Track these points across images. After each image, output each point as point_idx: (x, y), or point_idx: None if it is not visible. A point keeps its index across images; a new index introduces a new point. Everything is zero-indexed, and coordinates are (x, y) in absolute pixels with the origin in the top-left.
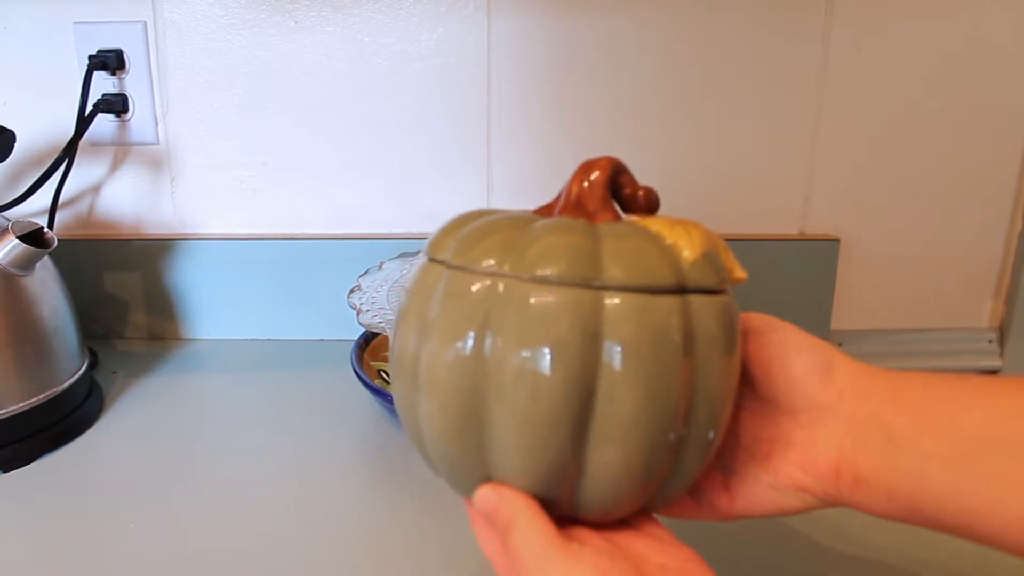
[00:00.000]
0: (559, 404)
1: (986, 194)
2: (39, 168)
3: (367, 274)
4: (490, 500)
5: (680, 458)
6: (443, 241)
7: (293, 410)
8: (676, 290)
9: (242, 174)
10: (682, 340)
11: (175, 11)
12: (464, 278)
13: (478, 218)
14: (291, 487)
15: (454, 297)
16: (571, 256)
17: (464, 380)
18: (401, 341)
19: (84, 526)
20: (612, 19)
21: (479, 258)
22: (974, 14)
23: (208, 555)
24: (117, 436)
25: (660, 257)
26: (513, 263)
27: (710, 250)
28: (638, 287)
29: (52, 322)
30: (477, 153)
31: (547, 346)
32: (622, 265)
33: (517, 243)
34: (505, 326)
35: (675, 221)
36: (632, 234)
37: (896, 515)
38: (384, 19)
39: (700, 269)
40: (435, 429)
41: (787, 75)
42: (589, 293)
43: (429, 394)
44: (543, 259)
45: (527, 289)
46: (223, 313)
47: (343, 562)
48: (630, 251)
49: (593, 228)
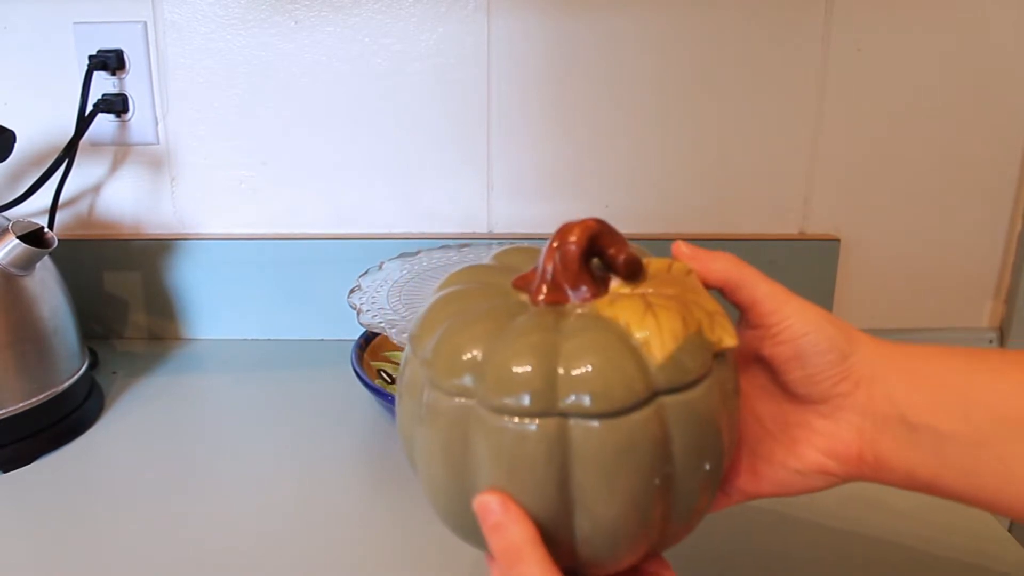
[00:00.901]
0: (536, 519)
1: (986, 194)
2: (39, 168)
3: (367, 274)
4: (493, 512)
5: (672, 514)
6: (424, 335)
7: (293, 410)
8: (645, 400)
9: (242, 174)
10: (653, 444)
11: (175, 11)
12: (440, 396)
13: (455, 306)
14: (291, 487)
15: (434, 413)
16: (533, 381)
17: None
18: (402, 414)
19: (84, 526)
20: (612, 19)
21: (451, 375)
22: (974, 14)
23: (208, 555)
24: (117, 436)
25: (624, 368)
26: (480, 384)
27: (684, 340)
28: (600, 412)
29: (52, 322)
30: (477, 153)
31: (516, 464)
32: (585, 383)
33: (486, 358)
34: (480, 443)
35: (648, 305)
36: (597, 334)
37: (918, 489)
38: (384, 19)
39: (672, 368)
40: (437, 508)
41: (787, 75)
42: (553, 421)
43: (425, 480)
44: (506, 383)
45: (493, 416)
46: (223, 313)
47: (343, 562)
48: (593, 362)
49: (558, 326)
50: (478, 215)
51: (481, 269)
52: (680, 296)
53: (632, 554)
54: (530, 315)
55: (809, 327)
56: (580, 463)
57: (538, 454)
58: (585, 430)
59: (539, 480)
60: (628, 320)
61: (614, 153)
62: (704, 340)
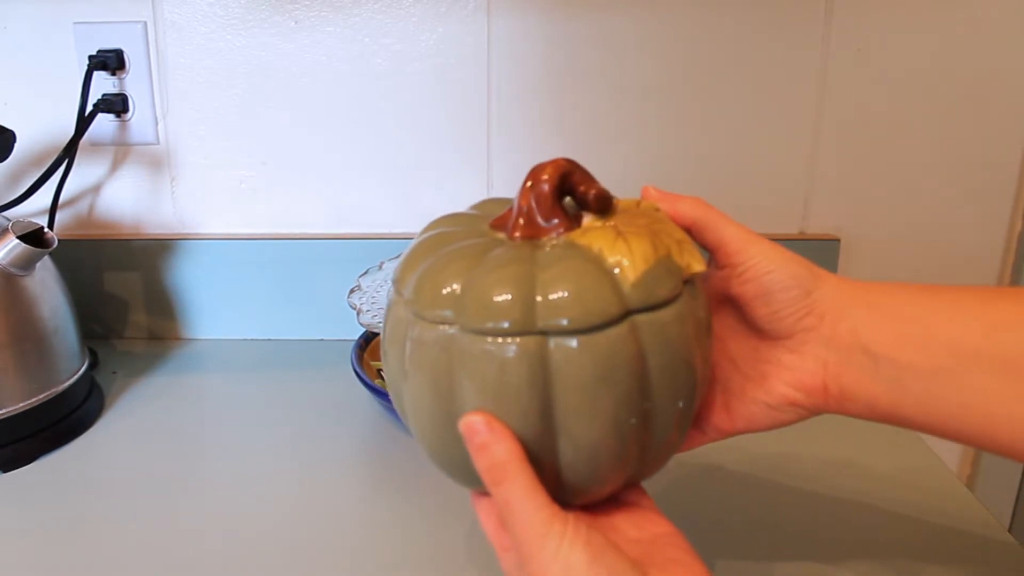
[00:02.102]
0: (520, 437)
1: (986, 194)
2: (39, 168)
3: (367, 274)
4: (479, 431)
5: (647, 445)
6: (406, 274)
7: (293, 410)
8: (619, 317)
9: (242, 174)
10: (629, 363)
11: (175, 11)
12: (424, 327)
13: (435, 248)
14: (291, 487)
15: (420, 345)
16: (512, 303)
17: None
18: (388, 367)
19: (84, 526)
20: (612, 19)
21: (433, 307)
22: (974, 14)
23: (208, 555)
24: (117, 436)
25: (599, 288)
26: (461, 313)
27: (655, 262)
28: (578, 329)
29: (52, 322)
30: (477, 153)
31: (500, 390)
32: (561, 306)
33: (465, 288)
34: (464, 371)
35: (619, 231)
36: (572, 261)
37: (879, 419)
38: (384, 19)
39: (644, 288)
40: (429, 444)
41: (787, 75)
42: (532, 339)
43: (412, 403)
44: (487, 309)
45: (475, 341)
46: (223, 313)
47: (343, 562)
48: (569, 287)
49: (534, 257)
50: None
51: (459, 215)
52: (649, 226)
53: (613, 479)
54: (507, 248)
55: (773, 265)
56: (560, 382)
57: (520, 374)
58: (564, 348)
59: (522, 401)
60: (601, 246)
61: (614, 153)
62: (673, 264)
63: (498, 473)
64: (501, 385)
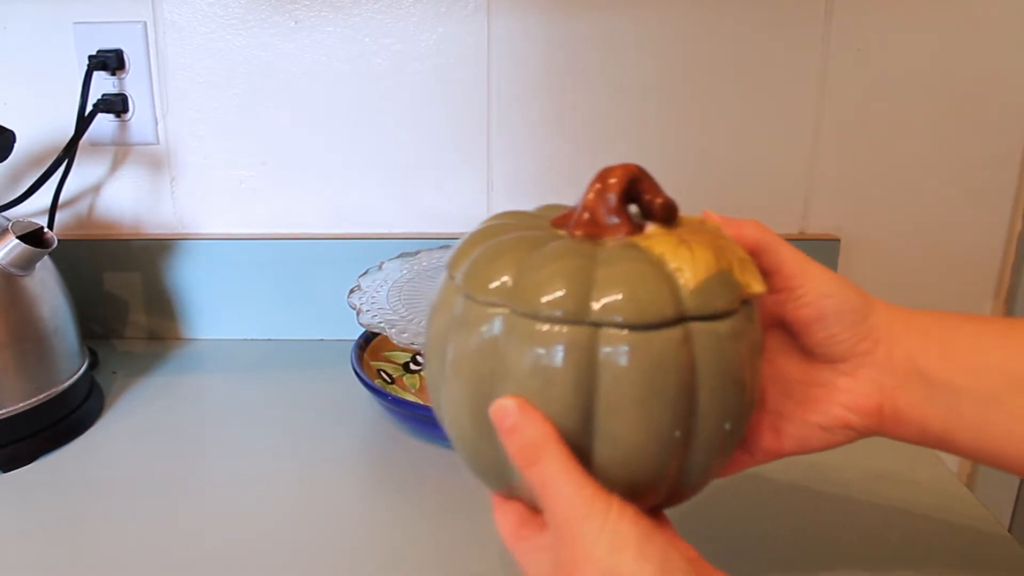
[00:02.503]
0: (559, 424)
1: (986, 194)
2: (39, 168)
3: (367, 274)
4: (510, 414)
5: (687, 465)
6: (460, 259)
7: (293, 410)
8: (674, 320)
9: (242, 174)
10: (680, 370)
11: (175, 11)
12: (473, 308)
13: (492, 236)
14: (291, 487)
15: (466, 325)
16: (565, 293)
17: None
18: (429, 352)
19: (84, 526)
20: (612, 19)
21: (485, 289)
22: (974, 14)
23: (208, 555)
24: (117, 436)
25: (657, 289)
26: (514, 297)
27: (716, 273)
28: (631, 325)
29: (52, 322)
30: (477, 153)
31: (543, 378)
32: (616, 301)
33: (521, 273)
34: (509, 356)
35: (682, 239)
36: (632, 261)
37: (929, 443)
38: (384, 19)
39: (702, 296)
40: (459, 432)
41: (787, 75)
42: (583, 330)
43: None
44: (541, 294)
45: (525, 326)
46: (223, 313)
47: (343, 562)
48: (627, 283)
49: (595, 253)
50: (478, 215)
51: (520, 212)
52: (713, 241)
53: (645, 494)
54: (567, 241)
55: (831, 289)
56: (606, 378)
57: (566, 364)
58: (614, 343)
59: (565, 393)
60: (663, 251)
61: (614, 153)
62: (734, 279)
63: (532, 453)
64: (545, 373)
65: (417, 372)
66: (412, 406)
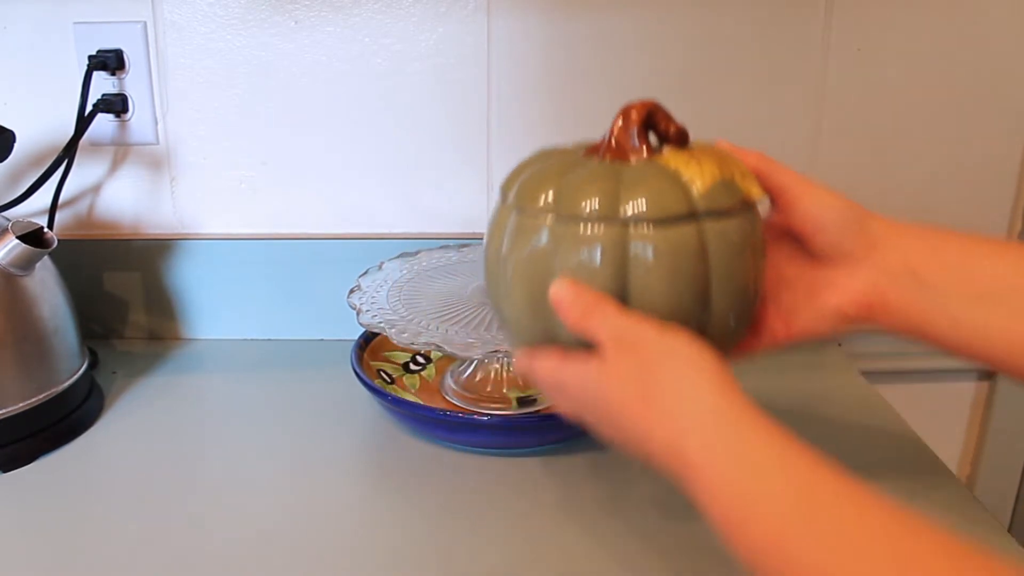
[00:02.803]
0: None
1: (986, 194)
2: (39, 168)
3: (367, 274)
4: (566, 291)
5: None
6: (510, 185)
7: (293, 410)
8: (687, 216)
9: (242, 174)
10: (693, 256)
11: (175, 11)
12: (524, 220)
13: (535, 164)
14: (291, 487)
15: (522, 233)
16: (600, 200)
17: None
18: (489, 263)
19: (84, 526)
20: (612, 19)
21: (534, 201)
22: (974, 15)
23: (208, 554)
24: (117, 436)
25: (673, 193)
26: (558, 206)
27: (721, 180)
28: (653, 219)
29: (52, 322)
30: (477, 153)
31: (586, 268)
32: (641, 204)
33: (562, 189)
34: (556, 252)
35: (693, 156)
36: (652, 174)
37: (909, 333)
38: (384, 19)
39: (710, 198)
40: (514, 312)
41: (787, 75)
42: (616, 227)
43: (513, 285)
44: (581, 202)
45: (568, 227)
46: (223, 313)
47: (343, 562)
48: (649, 190)
49: (622, 171)
50: (478, 215)
51: (558, 147)
52: (718, 157)
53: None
54: (599, 164)
55: (831, 202)
56: (636, 263)
57: (603, 255)
58: (641, 235)
59: (606, 276)
60: (677, 166)
61: None
62: (736, 186)
63: (587, 308)
64: (588, 263)
65: (417, 372)
66: (412, 406)
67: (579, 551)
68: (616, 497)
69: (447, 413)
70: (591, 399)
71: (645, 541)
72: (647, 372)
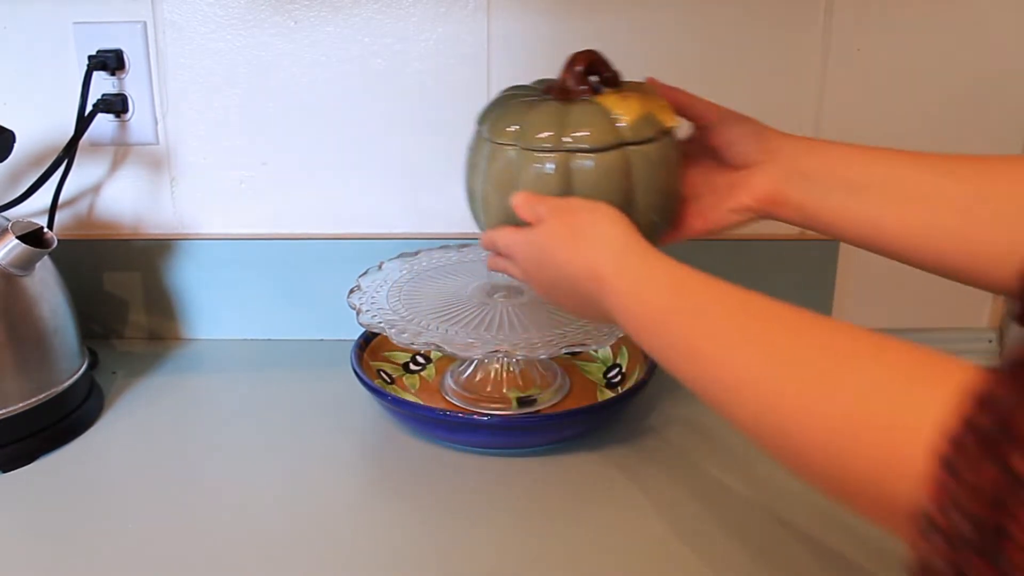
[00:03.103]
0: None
1: None
2: (39, 168)
3: (367, 274)
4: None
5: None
6: (485, 119)
7: (293, 410)
8: (616, 145)
9: (242, 174)
10: (621, 175)
11: (175, 11)
12: (495, 148)
13: (504, 102)
14: (291, 487)
15: (493, 157)
16: (550, 134)
17: (504, 186)
18: (469, 178)
19: (84, 526)
20: (612, 19)
21: (503, 136)
22: (973, 14)
23: (208, 554)
24: (117, 436)
25: (605, 126)
26: (520, 139)
27: (643, 115)
28: (589, 148)
29: (52, 322)
30: None
31: (541, 185)
32: (581, 136)
33: (523, 123)
34: (520, 173)
35: (623, 95)
36: (590, 111)
37: (803, 222)
38: (384, 19)
39: (634, 130)
40: (488, 211)
41: (787, 75)
42: (562, 155)
43: (487, 192)
44: (536, 134)
45: (528, 155)
46: (223, 313)
47: (343, 561)
48: (586, 124)
49: (568, 109)
50: None
51: (523, 85)
52: (643, 96)
53: None
54: (552, 103)
55: (736, 121)
56: (577, 181)
57: (555, 174)
58: (581, 159)
59: (553, 190)
60: (610, 104)
61: None
62: (656, 118)
63: (536, 207)
64: (541, 179)
65: (417, 372)
66: (412, 406)
67: (578, 551)
68: (616, 497)
69: (447, 413)
70: (536, 251)
71: (644, 541)
72: (576, 219)
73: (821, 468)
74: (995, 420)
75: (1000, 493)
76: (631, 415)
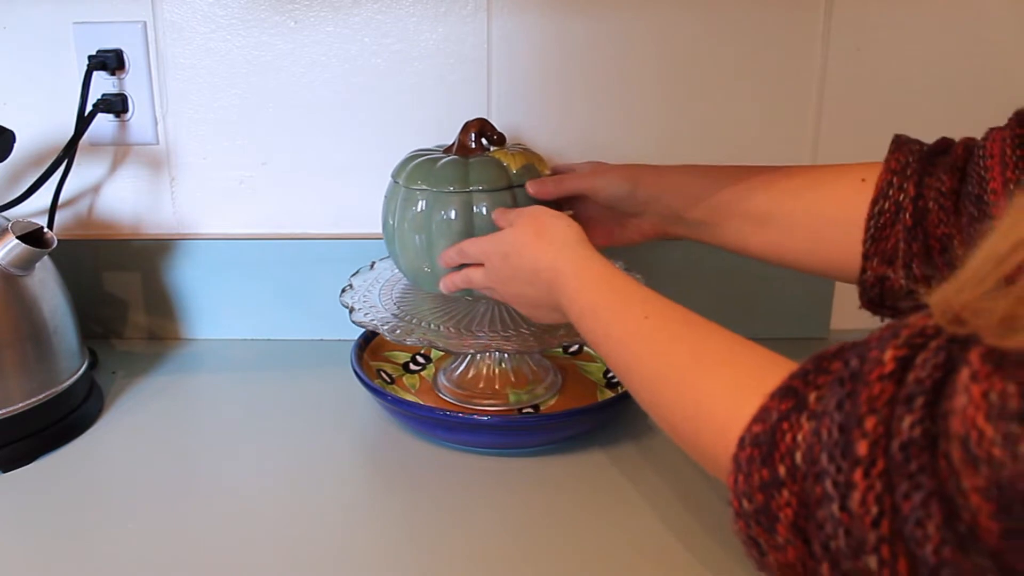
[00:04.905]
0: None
1: None
2: (39, 168)
3: (359, 273)
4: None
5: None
6: (400, 172)
7: (293, 410)
8: (507, 187)
9: (242, 174)
10: (510, 206)
11: (175, 11)
12: (409, 193)
13: (414, 160)
14: (291, 487)
15: (407, 201)
16: (455, 180)
17: (419, 228)
18: (386, 222)
19: (84, 526)
20: (612, 19)
21: (415, 183)
22: (973, 13)
23: (207, 554)
24: (117, 436)
25: (498, 173)
26: (431, 185)
27: (525, 165)
28: (488, 188)
29: (52, 322)
30: None
31: (447, 220)
32: (480, 180)
33: (433, 174)
34: (433, 211)
35: (509, 152)
36: (486, 163)
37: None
38: (384, 19)
39: (519, 176)
40: (408, 256)
41: (787, 75)
42: (466, 195)
43: (406, 233)
44: (444, 182)
45: (439, 196)
46: (223, 313)
47: (342, 561)
48: (484, 172)
49: (467, 162)
50: None
51: (427, 149)
52: (524, 152)
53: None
54: (453, 158)
55: (608, 183)
56: (478, 216)
57: (459, 211)
58: (480, 199)
59: (460, 226)
60: (500, 157)
61: (613, 152)
62: (535, 168)
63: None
64: (448, 219)
65: (417, 372)
66: (412, 406)
67: (578, 551)
68: (615, 498)
69: (447, 413)
70: (506, 247)
71: (643, 541)
72: (541, 222)
73: (683, 445)
74: (766, 430)
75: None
76: (631, 415)
